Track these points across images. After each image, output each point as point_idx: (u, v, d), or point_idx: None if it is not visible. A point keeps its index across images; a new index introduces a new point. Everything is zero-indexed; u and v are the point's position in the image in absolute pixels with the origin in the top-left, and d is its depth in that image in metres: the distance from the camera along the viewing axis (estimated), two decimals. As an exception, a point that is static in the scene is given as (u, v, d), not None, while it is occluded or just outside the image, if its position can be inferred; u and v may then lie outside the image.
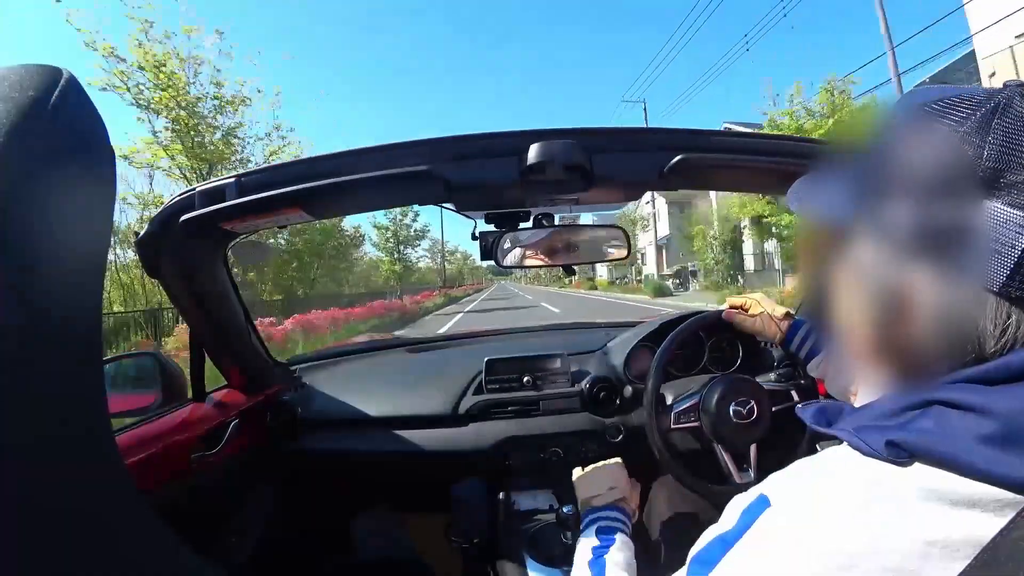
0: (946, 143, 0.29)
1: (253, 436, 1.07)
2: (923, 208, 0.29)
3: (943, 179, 0.29)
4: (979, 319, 0.28)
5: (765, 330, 0.90)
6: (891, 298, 0.31)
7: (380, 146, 0.68)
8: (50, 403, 0.34)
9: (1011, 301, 0.28)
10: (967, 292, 0.29)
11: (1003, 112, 0.28)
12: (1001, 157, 0.28)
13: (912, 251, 0.30)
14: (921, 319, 0.30)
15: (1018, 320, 0.28)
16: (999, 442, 0.26)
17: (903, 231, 0.30)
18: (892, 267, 0.31)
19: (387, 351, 1.56)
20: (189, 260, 0.85)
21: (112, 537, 0.38)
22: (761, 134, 0.77)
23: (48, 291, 0.34)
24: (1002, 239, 0.27)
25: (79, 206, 0.36)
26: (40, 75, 0.35)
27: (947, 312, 0.29)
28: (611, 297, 22.46)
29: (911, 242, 0.30)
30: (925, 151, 0.30)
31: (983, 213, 0.28)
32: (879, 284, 0.32)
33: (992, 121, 0.28)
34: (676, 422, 1.00)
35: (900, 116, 0.33)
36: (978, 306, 0.28)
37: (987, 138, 0.28)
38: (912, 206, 0.30)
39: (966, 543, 0.26)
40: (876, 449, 0.29)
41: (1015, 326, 0.28)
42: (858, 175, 0.34)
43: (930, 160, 0.30)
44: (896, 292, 0.31)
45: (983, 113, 0.29)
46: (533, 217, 0.88)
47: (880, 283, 0.32)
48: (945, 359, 0.30)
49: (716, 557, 0.34)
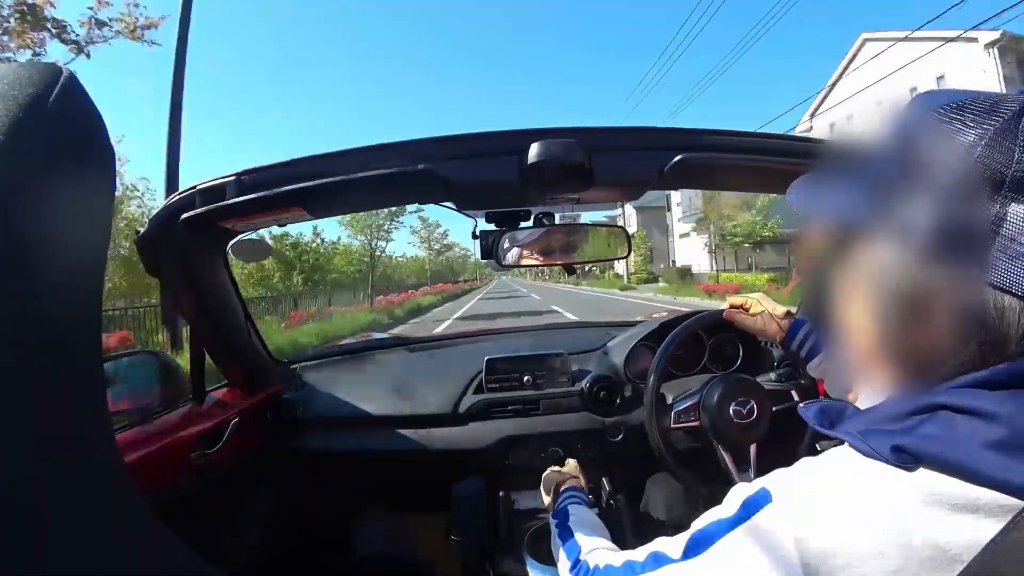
0: (971, 146, 0.29)
1: (253, 435, 1.07)
2: (946, 210, 0.29)
3: (967, 181, 0.29)
4: (1001, 322, 0.28)
5: (766, 329, 0.90)
6: (910, 300, 0.31)
7: (380, 145, 0.68)
8: (49, 402, 0.34)
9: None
10: (989, 295, 0.28)
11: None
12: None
13: (934, 253, 0.29)
14: (940, 321, 0.30)
15: None
16: (1006, 448, 0.26)
17: (925, 233, 0.29)
18: (912, 269, 0.30)
19: (388, 350, 1.56)
20: (189, 259, 0.85)
21: (112, 537, 0.37)
22: (761, 134, 0.77)
23: (47, 289, 0.34)
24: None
25: (78, 204, 0.36)
26: (40, 73, 0.35)
27: (968, 314, 0.29)
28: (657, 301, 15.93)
29: (933, 244, 0.29)
30: (948, 153, 0.29)
31: (1008, 216, 0.28)
32: (898, 286, 0.31)
33: (1020, 124, 0.28)
34: (676, 421, 1.00)
35: (916, 118, 0.32)
36: (1000, 309, 0.28)
37: (1017, 141, 0.28)
38: (935, 208, 0.29)
39: (968, 547, 0.26)
40: (882, 454, 0.29)
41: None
42: (873, 177, 0.33)
43: (953, 162, 0.29)
44: (915, 294, 0.31)
45: (1009, 116, 0.29)
46: (533, 216, 0.88)
47: (899, 285, 0.31)
48: (960, 361, 0.30)
49: (713, 538, 0.35)
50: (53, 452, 0.34)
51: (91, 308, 0.38)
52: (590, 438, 1.14)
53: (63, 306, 0.35)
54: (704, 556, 0.35)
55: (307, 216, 0.79)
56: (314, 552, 1.27)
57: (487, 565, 1.04)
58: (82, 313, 0.37)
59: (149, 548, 0.41)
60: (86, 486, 0.36)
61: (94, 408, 0.38)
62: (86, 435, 0.37)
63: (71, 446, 0.35)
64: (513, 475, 1.15)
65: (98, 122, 0.38)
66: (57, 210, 0.34)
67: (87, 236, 0.37)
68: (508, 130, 0.69)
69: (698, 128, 0.73)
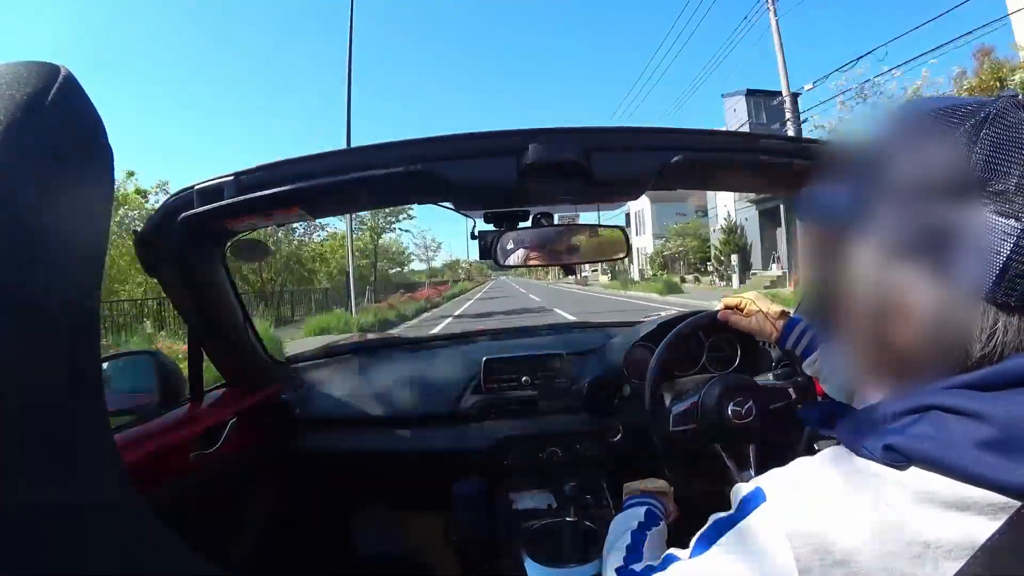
0: (937, 150, 0.30)
1: (252, 435, 1.07)
2: (914, 212, 0.30)
3: (933, 185, 0.30)
4: (966, 324, 0.29)
5: (761, 329, 0.91)
6: (884, 301, 0.32)
7: (379, 145, 0.68)
8: (48, 401, 0.34)
9: (998, 307, 0.28)
10: (955, 297, 0.29)
11: (993, 122, 0.29)
12: (987, 166, 0.28)
13: (903, 254, 0.30)
14: (911, 322, 0.31)
15: (1005, 326, 0.28)
16: (997, 448, 0.26)
17: (894, 234, 0.31)
18: (885, 270, 0.32)
19: (387, 350, 1.56)
20: (188, 258, 0.85)
21: (111, 537, 0.38)
22: (760, 134, 0.77)
23: (46, 289, 0.34)
24: (988, 246, 0.28)
25: (77, 203, 0.36)
26: (38, 72, 0.35)
27: (936, 316, 0.30)
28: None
29: (902, 245, 0.30)
30: (917, 157, 0.31)
31: (970, 220, 0.28)
32: (872, 286, 0.32)
33: (981, 130, 0.29)
34: (675, 422, 1.00)
35: (899, 122, 0.34)
36: (965, 311, 0.29)
37: (975, 147, 0.29)
38: (904, 210, 0.30)
39: (958, 545, 0.26)
40: (874, 453, 0.29)
41: (1002, 332, 0.28)
42: (857, 178, 0.34)
43: (921, 166, 0.30)
44: (888, 295, 0.32)
45: (974, 123, 0.29)
46: (532, 216, 0.89)
47: (873, 285, 0.32)
48: (935, 363, 0.30)
49: (713, 538, 0.35)
50: (52, 452, 0.34)
51: (90, 307, 0.38)
52: (589, 438, 1.14)
53: (62, 304, 0.35)
54: (705, 555, 0.36)
55: (307, 216, 0.79)
56: (314, 552, 1.27)
57: (486, 565, 1.04)
58: (81, 312, 0.37)
59: (149, 548, 0.41)
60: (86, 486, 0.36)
61: (92, 407, 0.38)
62: (85, 435, 0.37)
63: (70, 446, 0.35)
64: (512, 475, 1.15)
65: (96, 121, 0.38)
66: (56, 209, 0.34)
67: (86, 234, 0.37)
68: (507, 130, 0.69)
69: (696, 128, 0.73)
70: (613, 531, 0.72)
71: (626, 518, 0.74)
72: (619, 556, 0.63)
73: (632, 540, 0.66)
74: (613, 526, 0.73)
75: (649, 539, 0.68)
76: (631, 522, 0.72)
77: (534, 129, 0.68)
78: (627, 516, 0.74)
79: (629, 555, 0.63)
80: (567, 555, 0.95)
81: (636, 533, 0.68)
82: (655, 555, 0.65)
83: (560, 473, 1.11)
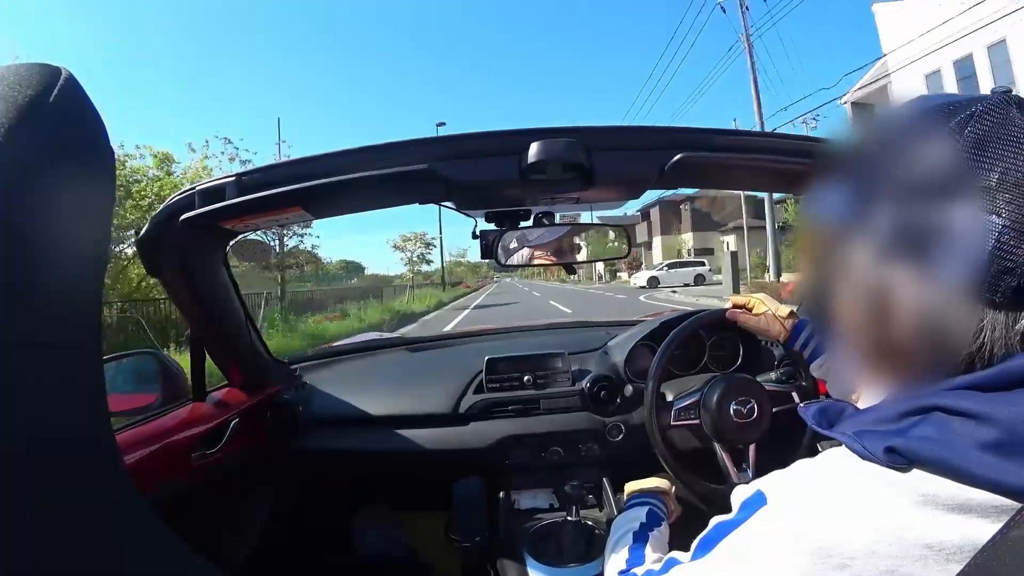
0: (925, 147, 0.30)
1: (253, 435, 1.07)
2: (902, 210, 0.30)
3: (921, 182, 0.30)
4: (953, 321, 0.29)
5: (769, 329, 0.90)
6: (877, 299, 0.32)
7: (380, 145, 0.68)
8: (50, 402, 0.34)
9: (984, 304, 0.28)
10: (942, 294, 0.29)
11: (979, 119, 0.29)
12: (971, 162, 0.28)
13: (894, 252, 0.31)
14: (903, 321, 0.31)
15: (991, 323, 0.28)
16: (1000, 449, 0.26)
17: (886, 232, 0.31)
18: (877, 268, 0.32)
19: (388, 350, 1.56)
20: (189, 259, 0.85)
21: (112, 537, 0.38)
22: (761, 133, 0.77)
23: (47, 290, 0.34)
24: (972, 243, 0.28)
25: (78, 205, 0.36)
26: (39, 74, 0.35)
27: (924, 313, 0.30)
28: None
29: (893, 243, 0.30)
30: (907, 154, 0.31)
31: (955, 217, 0.28)
32: (865, 285, 0.32)
33: (967, 127, 0.29)
34: (676, 421, 0.99)
35: (895, 120, 0.34)
36: (952, 308, 0.29)
37: (959, 144, 0.29)
38: (894, 208, 0.30)
39: (960, 547, 0.26)
40: (875, 454, 0.29)
41: (989, 329, 0.28)
42: (852, 176, 0.34)
43: (911, 163, 0.30)
44: (880, 293, 0.32)
45: (961, 119, 0.29)
46: (533, 216, 0.88)
47: (866, 284, 0.32)
48: (929, 362, 0.30)
49: (714, 541, 0.35)
50: (53, 452, 0.34)
51: (91, 308, 0.38)
52: (590, 438, 1.14)
53: (63, 306, 0.35)
54: (707, 558, 0.36)
55: (307, 216, 0.79)
56: (314, 552, 1.28)
57: (487, 565, 1.04)
58: (82, 313, 0.37)
59: (149, 548, 0.41)
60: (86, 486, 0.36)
61: (94, 408, 0.38)
62: (86, 435, 0.37)
63: (71, 446, 0.35)
64: (513, 475, 1.15)
65: (97, 122, 0.38)
66: (56, 210, 0.34)
67: (87, 236, 0.37)
68: (508, 130, 0.69)
69: (698, 127, 0.73)
70: (614, 532, 0.72)
71: (627, 519, 0.74)
72: (621, 559, 0.63)
73: (634, 542, 0.67)
74: (614, 526, 0.73)
75: (651, 540, 0.68)
76: (632, 523, 0.72)
77: (535, 128, 0.68)
78: (628, 517, 0.74)
79: (631, 557, 0.63)
80: (568, 555, 0.95)
81: (638, 534, 0.68)
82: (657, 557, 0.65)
83: (561, 473, 1.11)
